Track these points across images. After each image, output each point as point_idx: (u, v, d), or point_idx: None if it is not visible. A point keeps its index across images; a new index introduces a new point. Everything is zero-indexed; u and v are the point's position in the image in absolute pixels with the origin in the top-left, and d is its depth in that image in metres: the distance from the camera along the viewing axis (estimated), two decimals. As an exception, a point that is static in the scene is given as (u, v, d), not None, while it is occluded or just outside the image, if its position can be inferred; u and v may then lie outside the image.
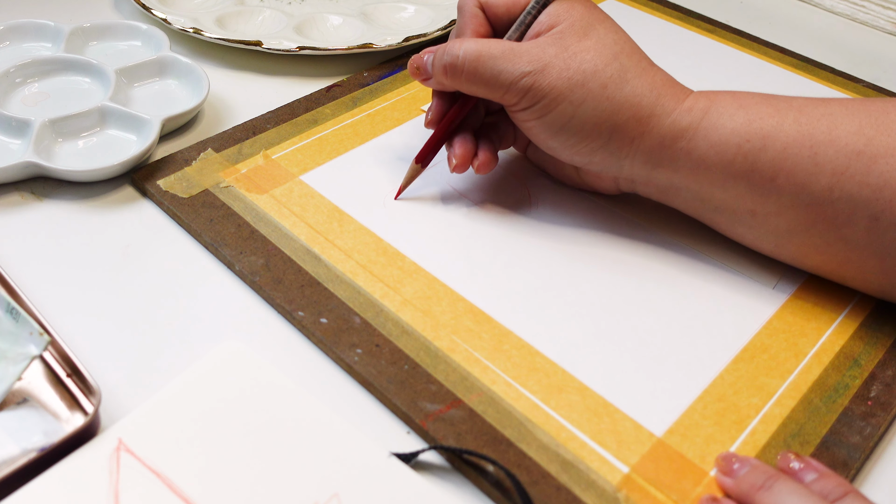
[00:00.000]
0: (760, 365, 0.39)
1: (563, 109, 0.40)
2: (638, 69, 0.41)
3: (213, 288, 0.41)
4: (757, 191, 0.39)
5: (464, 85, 0.42)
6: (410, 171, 0.46)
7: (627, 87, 0.40)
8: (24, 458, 0.32)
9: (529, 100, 0.41)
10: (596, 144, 0.41)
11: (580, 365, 0.38)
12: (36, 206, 0.45)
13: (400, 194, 0.46)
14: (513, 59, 0.40)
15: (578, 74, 0.40)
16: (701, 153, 0.40)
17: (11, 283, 0.39)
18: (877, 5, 0.71)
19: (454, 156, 0.44)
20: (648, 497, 0.33)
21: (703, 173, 0.40)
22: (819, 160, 0.38)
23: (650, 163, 0.41)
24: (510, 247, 0.44)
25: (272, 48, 0.56)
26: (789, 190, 0.39)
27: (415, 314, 0.40)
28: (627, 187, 0.44)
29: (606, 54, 0.40)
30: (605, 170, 0.42)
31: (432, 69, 0.43)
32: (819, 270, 0.42)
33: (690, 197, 0.42)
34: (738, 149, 0.39)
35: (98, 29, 0.56)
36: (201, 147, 0.49)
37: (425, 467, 0.34)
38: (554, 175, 0.48)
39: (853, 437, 0.36)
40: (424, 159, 0.46)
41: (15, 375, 0.34)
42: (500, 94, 0.41)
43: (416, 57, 0.44)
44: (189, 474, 0.32)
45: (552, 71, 0.40)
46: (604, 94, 0.40)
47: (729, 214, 0.41)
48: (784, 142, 0.38)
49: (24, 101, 0.51)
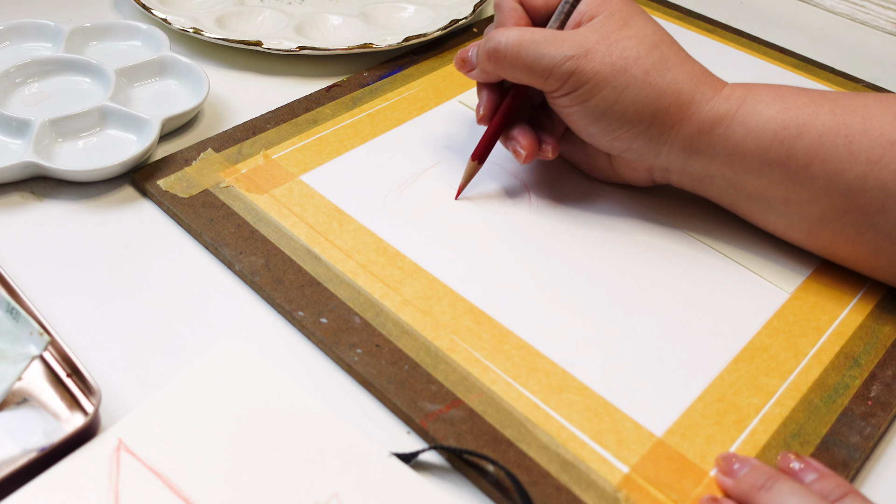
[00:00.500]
0: (760, 365, 0.39)
1: (607, 95, 0.41)
2: (678, 58, 0.42)
3: (213, 288, 0.41)
4: (791, 178, 0.40)
5: (507, 71, 0.43)
6: (468, 169, 0.46)
7: (669, 74, 0.41)
8: (24, 458, 0.32)
9: (572, 85, 0.41)
10: (637, 130, 0.41)
11: (580, 365, 0.38)
12: (36, 206, 0.45)
13: (460, 194, 0.47)
14: (556, 44, 0.41)
15: (621, 60, 0.40)
16: (738, 139, 0.40)
17: (11, 283, 0.39)
18: (877, 5, 0.71)
19: (521, 147, 0.44)
20: (648, 497, 0.33)
21: (739, 160, 0.41)
22: (854, 149, 0.39)
23: (688, 149, 0.42)
24: (510, 246, 0.44)
25: (272, 48, 0.56)
26: (823, 177, 0.39)
27: (415, 314, 0.40)
28: (661, 177, 0.45)
29: (647, 43, 0.41)
30: (643, 157, 0.43)
31: (476, 59, 0.44)
32: (850, 260, 0.42)
33: (725, 185, 0.42)
34: (774, 136, 0.40)
35: (98, 29, 0.56)
36: (201, 147, 0.49)
37: (425, 467, 0.34)
38: (584, 169, 0.48)
39: (853, 437, 0.36)
40: (482, 156, 0.46)
41: (15, 375, 0.33)
42: (542, 80, 0.42)
43: (463, 51, 0.45)
44: (189, 474, 0.32)
45: (595, 56, 0.40)
46: (646, 80, 0.40)
47: (763, 202, 0.42)
48: (820, 130, 0.39)
49: (24, 101, 0.51)
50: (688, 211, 0.47)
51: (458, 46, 0.60)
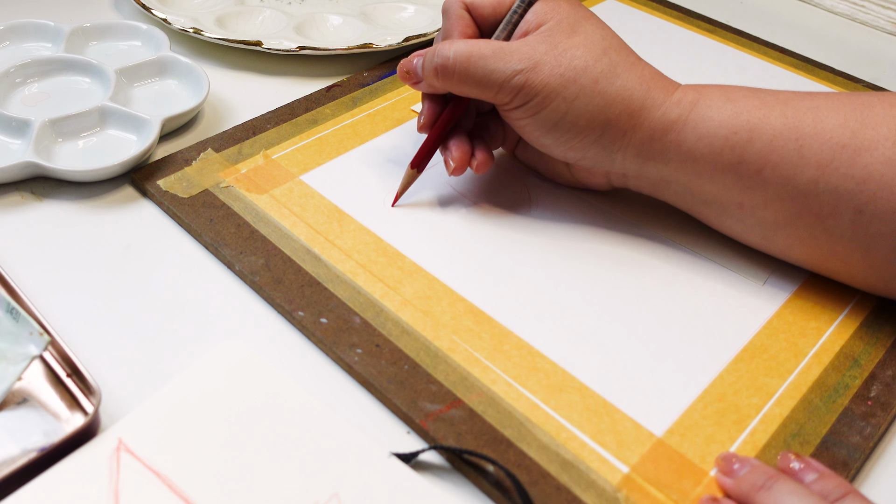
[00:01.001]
0: (760, 365, 0.39)
1: (557, 106, 0.40)
2: (627, 63, 0.41)
3: (213, 288, 0.41)
4: (744, 182, 0.40)
5: (456, 86, 0.42)
6: (406, 176, 0.46)
7: (618, 81, 0.40)
8: (24, 458, 0.32)
9: (522, 98, 0.41)
10: (589, 139, 0.41)
11: (580, 365, 0.38)
12: (36, 206, 0.45)
13: (397, 201, 0.46)
14: (504, 58, 0.41)
15: (570, 71, 0.40)
16: (690, 145, 0.40)
17: (11, 283, 0.39)
18: (877, 5, 0.71)
19: (451, 159, 0.44)
20: (648, 497, 0.33)
21: (692, 165, 0.40)
22: (804, 152, 0.38)
23: (641, 156, 0.41)
24: (510, 247, 0.44)
25: (272, 48, 0.56)
26: (775, 182, 0.39)
27: (415, 314, 0.40)
28: (619, 182, 0.45)
29: (596, 50, 0.40)
30: (598, 165, 0.43)
31: (422, 72, 0.43)
32: (806, 263, 0.42)
33: (680, 190, 0.42)
34: (725, 141, 0.39)
35: (98, 29, 0.56)
36: (201, 147, 0.49)
37: (425, 467, 0.34)
38: (544, 173, 0.48)
39: (853, 437, 0.36)
40: (420, 164, 0.45)
41: (15, 375, 0.34)
42: (492, 94, 0.41)
43: (406, 61, 0.44)
44: (189, 474, 0.32)
45: (544, 68, 0.40)
46: (596, 89, 0.40)
47: (717, 207, 0.42)
48: (770, 134, 0.39)
49: (24, 101, 0.51)
50: (685, 215, 0.47)
51: (458, 46, 0.60)
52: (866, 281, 0.41)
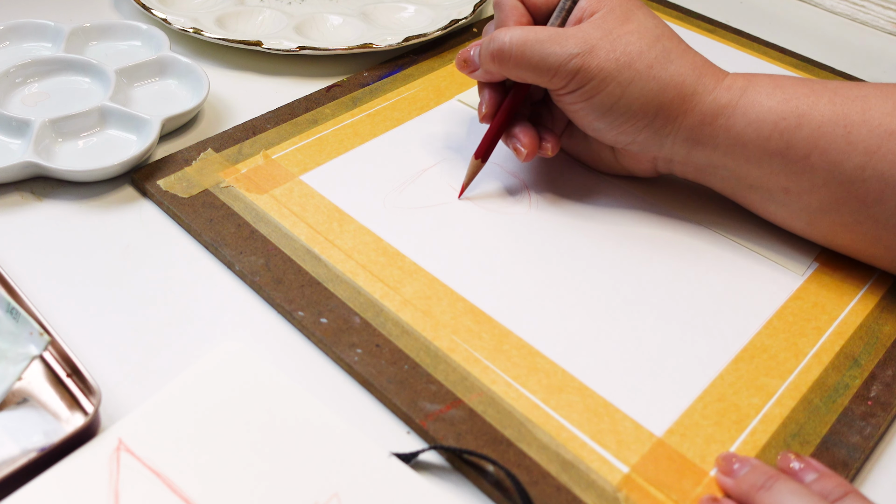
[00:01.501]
0: (760, 365, 0.39)
1: (612, 90, 0.41)
2: (679, 50, 0.42)
3: (213, 288, 0.41)
4: (791, 168, 0.40)
5: (512, 71, 0.43)
6: (471, 167, 0.46)
7: (671, 66, 0.41)
8: (24, 458, 0.32)
9: (578, 82, 0.41)
10: (641, 124, 0.42)
11: (580, 365, 0.38)
12: (36, 206, 0.45)
13: (463, 192, 0.47)
14: (560, 42, 0.41)
15: (625, 56, 0.41)
16: (739, 130, 0.41)
17: (11, 282, 0.39)
18: (877, 5, 0.71)
19: (522, 145, 0.45)
20: (648, 497, 0.33)
21: (741, 150, 0.41)
22: (852, 139, 0.39)
23: (690, 140, 0.42)
24: (510, 246, 0.44)
25: (272, 48, 0.56)
26: (822, 167, 0.40)
27: (415, 314, 0.40)
28: (664, 168, 0.45)
29: (649, 37, 0.41)
30: (647, 149, 0.43)
31: (480, 59, 0.44)
32: (849, 249, 0.43)
33: (727, 175, 0.43)
34: (774, 126, 0.40)
35: (98, 29, 0.56)
36: (201, 147, 0.49)
37: (425, 467, 0.34)
38: (587, 162, 0.49)
39: (853, 437, 0.36)
40: (485, 154, 0.46)
41: (15, 375, 0.33)
42: (548, 78, 0.42)
43: (464, 51, 0.45)
44: (189, 474, 0.32)
45: (600, 52, 0.41)
46: (650, 74, 0.41)
47: (763, 192, 0.42)
48: (819, 120, 0.40)
49: (24, 101, 0.51)
50: (687, 212, 0.47)
51: (458, 46, 0.60)
52: None
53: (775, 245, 0.45)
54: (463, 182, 0.47)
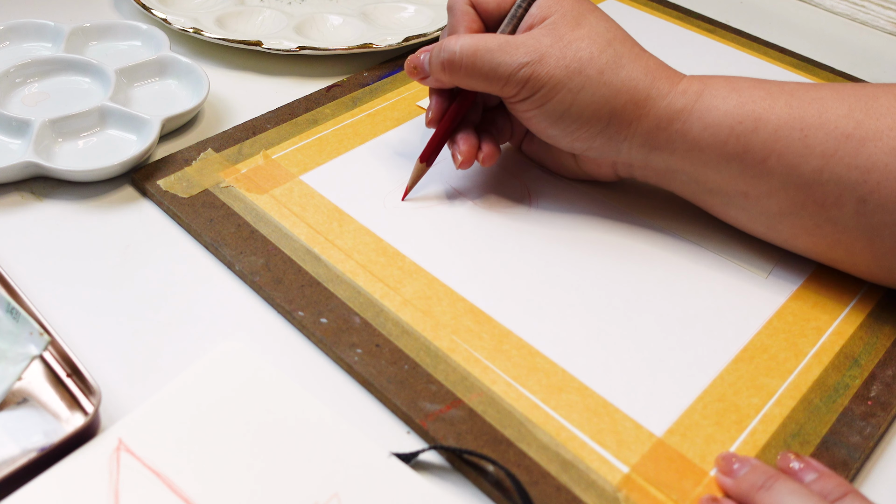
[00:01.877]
0: (760, 365, 0.39)
1: (563, 97, 0.41)
2: (632, 55, 0.41)
3: (213, 288, 0.41)
4: (749, 172, 0.40)
5: (463, 80, 0.43)
6: (416, 170, 0.46)
7: (623, 71, 0.41)
8: (24, 458, 0.32)
9: (529, 90, 0.41)
10: (595, 130, 0.41)
11: (580, 365, 0.38)
12: (36, 206, 0.45)
13: (407, 195, 0.46)
14: (510, 51, 0.41)
15: (575, 62, 0.40)
16: (695, 135, 0.40)
17: (11, 282, 0.39)
18: (877, 5, 0.71)
19: (459, 152, 0.45)
20: (648, 497, 0.33)
21: (698, 155, 0.41)
22: (809, 142, 0.39)
23: (647, 145, 0.42)
24: (510, 246, 0.44)
25: (272, 48, 0.56)
26: (780, 171, 0.39)
27: (415, 314, 0.40)
28: (625, 172, 0.45)
29: (600, 41, 0.41)
30: (604, 155, 0.43)
31: (430, 67, 0.44)
32: (810, 253, 0.42)
33: (686, 179, 0.43)
34: (730, 130, 0.40)
35: (98, 29, 0.56)
36: (201, 147, 0.49)
37: (425, 467, 0.34)
38: (551, 167, 0.48)
39: (853, 437, 0.36)
40: (429, 158, 0.46)
41: (15, 375, 0.34)
42: (499, 87, 0.42)
43: (413, 57, 0.45)
44: (189, 474, 0.32)
45: (549, 60, 0.40)
46: (601, 80, 0.40)
47: (723, 196, 0.42)
48: (775, 124, 0.39)
49: (24, 101, 0.51)
50: (688, 212, 0.47)
51: (458, 46, 0.60)
52: (870, 270, 0.41)
53: (739, 250, 0.44)
54: (407, 184, 0.46)
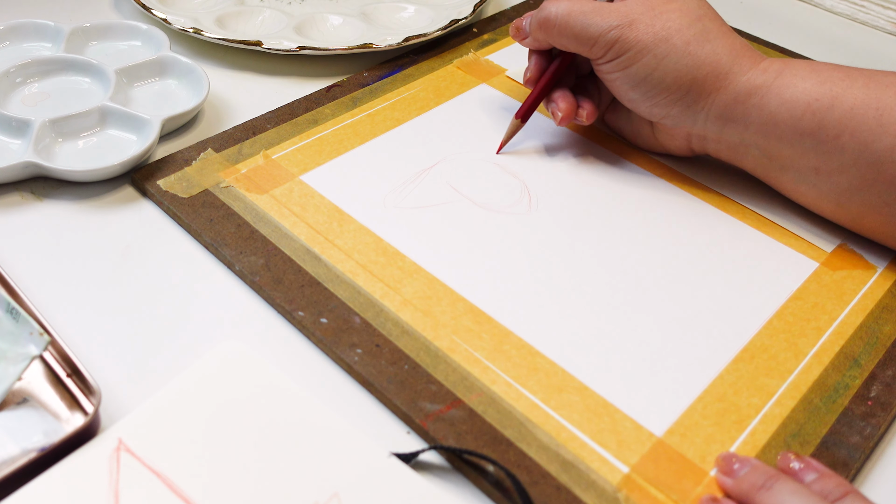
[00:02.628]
0: (760, 365, 0.39)
1: (647, 62, 0.43)
2: (720, 32, 0.44)
3: (213, 288, 0.41)
4: (822, 148, 0.42)
5: (556, 39, 0.46)
6: (511, 126, 0.49)
7: (709, 45, 0.43)
8: (24, 458, 0.32)
9: (616, 52, 0.44)
10: (674, 97, 0.44)
11: (580, 365, 0.38)
12: (36, 206, 0.45)
13: (501, 149, 0.50)
14: (602, 14, 0.44)
15: (663, 31, 0.43)
16: (772, 109, 0.42)
17: (11, 282, 0.39)
18: (877, 5, 0.71)
19: (559, 109, 0.48)
20: (648, 497, 0.33)
21: (772, 129, 0.43)
22: (884, 121, 0.40)
23: (723, 118, 0.44)
24: (510, 247, 0.44)
25: (272, 48, 0.56)
26: (853, 148, 0.41)
27: (415, 314, 0.40)
28: (699, 146, 0.47)
29: (691, 16, 0.44)
30: (680, 123, 0.45)
31: (529, 28, 0.48)
32: (875, 232, 0.44)
33: (759, 154, 0.44)
34: (806, 107, 0.42)
35: (98, 29, 0.56)
36: (201, 147, 0.49)
37: (425, 467, 0.34)
38: (629, 138, 0.51)
39: (853, 437, 0.36)
40: (525, 114, 0.49)
41: (15, 375, 0.34)
42: (588, 47, 0.45)
43: (518, 20, 0.49)
44: (189, 474, 0.32)
45: (639, 26, 0.43)
46: (686, 50, 0.43)
47: (794, 172, 0.44)
48: (852, 103, 0.41)
49: (24, 101, 0.51)
50: (688, 212, 0.47)
51: (458, 46, 0.60)
52: None
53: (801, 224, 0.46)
54: (503, 139, 0.50)
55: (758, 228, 0.46)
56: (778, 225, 0.46)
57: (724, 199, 0.48)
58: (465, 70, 0.57)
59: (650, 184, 0.48)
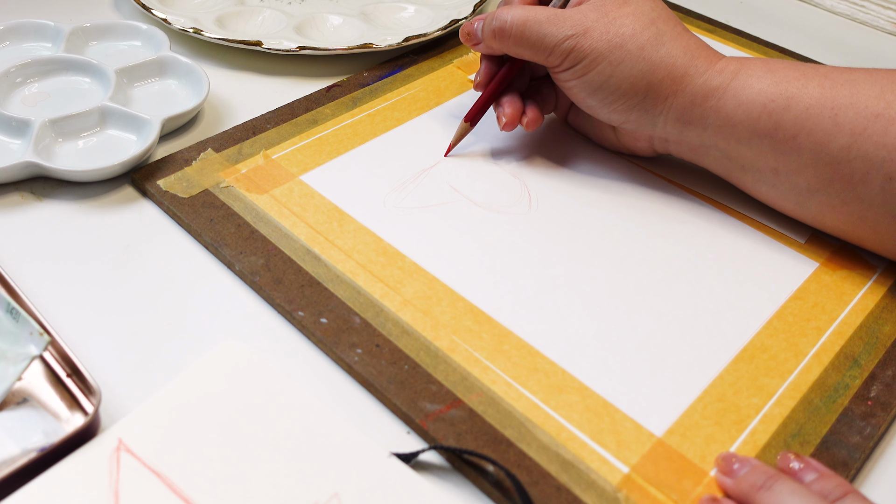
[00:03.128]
0: (760, 365, 0.39)
1: (603, 69, 0.43)
2: (673, 34, 0.44)
3: (213, 288, 0.41)
4: (779, 148, 0.42)
5: (511, 48, 0.46)
6: (460, 129, 0.49)
7: (663, 49, 0.43)
8: (24, 458, 0.32)
9: (571, 61, 0.44)
10: (632, 102, 0.44)
11: (580, 365, 0.38)
12: (36, 206, 0.45)
13: (449, 152, 0.49)
14: (557, 23, 0.44)
15: (617, 37, 0.43)
16: (729, 111, 0.42)
17: (11, 282, 0.39)
18: (877, 5, 0.71)
19: (503, 114, 0.48)
20: (648, 497, 0.33)
21: (730, 131, 0.43)
22: (839, 121, 0.40)
23: (682, 121, 0.44)
24: (510, 246, 0.44)
25: (272, 48, 0.56)
26: (809, 148, 0.41)
27: (415, 314, 0.40)
28: (661, 147, 0.47)
29: (644, 19, 0.43)
30: (640, 128, 0.45)
31: (482, 34, 0.47)
32: (837, 230, 0.43)
33: (719, 155, 0.44)
34: (763, 108, 0.41)
35: (98, 29, 0.56)
36: (201, 147, 0.49)
37: (425, 467, 0.34)
38: (593, 138, 0.51)
39: (853, 437, 0.36)
40: (473, 118, 0.49)
41: (15, 375, 0.33)
42: (544, 56, 0.44)
43: (468, 24, 0.48)
44: (189, 474, 0.32)
45: (593, 34, 0.43)
46: (641, 55, 0.43)
47: (754, 173, 0.44)
48: (807, 103, 0.41)
49: (24, 101, 0.51)
50: (688, 212, 0.47)
51: (458, 46, 0.60)
52: (895, 249, 0.42)
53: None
54: (451, 142, 0.49)
55: (758, 228, 0.46)
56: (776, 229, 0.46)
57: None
58: (466, 70, 0.57)
59: (650, 184, 0.48)
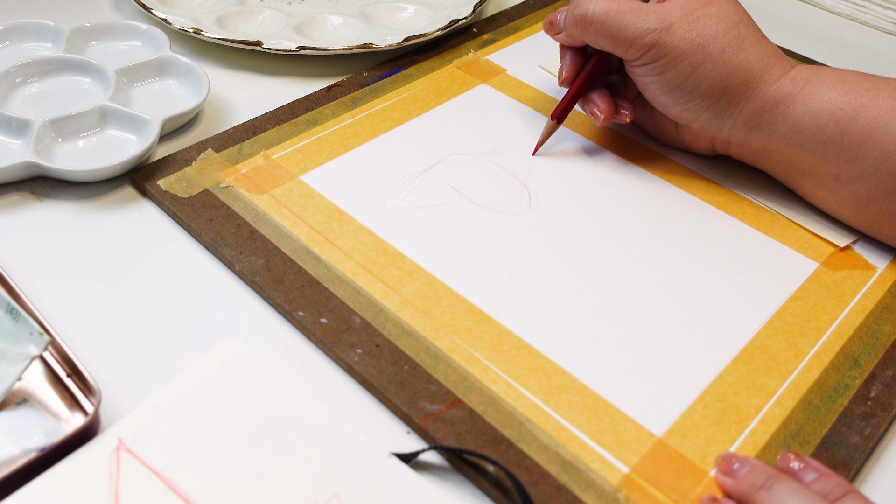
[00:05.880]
0: (760, 365, 0.39)
1: (683, 69, 0.43)
2: (753, 39, 0.44)
3: (213, 288, 0.41)
4: (844, 156, 0.42)
5: (592, 37, 0.46)
6: (547, 128, 0.49)
7: (743, 53, 0.43)
8: (24, 458, 0.32)
9: (651, 56, 0.44)
10: (706, 104, 0.44)
11: (580, 365, 0.38)
12: (36, 206, 0.45)
13: (537, 150, 0.50)
14: (640, 16, 0.44)
15: (700, 38, 0.43)
16: (797, 118, 0.43)
17: (11, 282, 0.39)
18: (877, 5, 0.71)
19: (599, 110, 0.48)
20: (648, 497, 0.33)
21: (796, 137, 0.43)
22: None
23: (749, 125, 0.44)
24: (510, 247, 0.44)
25: (272, 48, 0.56)
26: (874, 156, 0.41)
27: (415, 314, 0.40)
28: (722, 148, 0.47)
29: (727, 22, 0.43)
30: (707, 128, 0.45)
31: (564, 23, 0.47)
32: (893, 239, 0.44)
33: (781, 160, 0.45)
34: (831, 115, 0.42)
35: (98, 29, 0.56)
36: (201, 147, 0.49)
37: (425, 467, 0.34)
38: (651, 132, 0.51)
39: (853, 437, 0.36)
40: (561, 116, 0.49)
41: (15, 375, 0.33)
42: (624, 49, 0.44)
43: (552, 14, 0.48)
44: (189, 474, 0.32)
45: (677, 31, 0.43)
46: (721, 59, 0.43)
47: (814, 178, 0.44)
48: (876, 112, 0.41)
49: (24, 101, 0.51)
50: (689, 212, 0.47)
51: (458, 46, 0.60)
52: None
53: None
54: (538, 140, 0.49)
55: (758, 228, 0.46)
56: (777, 224, 0.46)
57: (724, 199, 0.48)
58: (465, 70, 0.57)
59: (650, 184, 0.48)
